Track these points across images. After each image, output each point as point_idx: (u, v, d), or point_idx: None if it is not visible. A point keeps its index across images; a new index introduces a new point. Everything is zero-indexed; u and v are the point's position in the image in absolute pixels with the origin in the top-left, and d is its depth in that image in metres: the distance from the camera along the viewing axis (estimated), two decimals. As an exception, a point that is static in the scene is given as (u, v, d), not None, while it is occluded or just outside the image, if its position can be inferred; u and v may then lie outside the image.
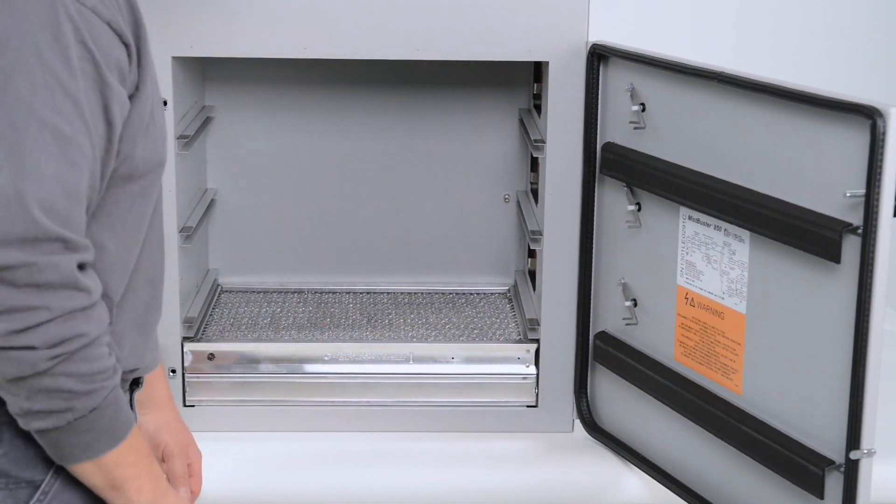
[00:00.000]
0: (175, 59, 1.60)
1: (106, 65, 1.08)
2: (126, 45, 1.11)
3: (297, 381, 1.70)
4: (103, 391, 1.10)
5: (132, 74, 1.13)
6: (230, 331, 1.79)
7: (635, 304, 1.58)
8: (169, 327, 1.66)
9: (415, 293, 1.96)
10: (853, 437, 1.24)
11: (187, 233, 1.67)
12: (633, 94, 1.53)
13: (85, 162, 1.07)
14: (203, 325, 1.79)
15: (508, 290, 1.98)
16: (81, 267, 1.08)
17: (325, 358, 1.72)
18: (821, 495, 1.30)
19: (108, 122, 1.09)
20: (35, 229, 1.03)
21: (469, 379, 1.71)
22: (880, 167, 1.18)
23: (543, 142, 1.66)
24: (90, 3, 1.07)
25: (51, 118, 1.04)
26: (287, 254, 1.98)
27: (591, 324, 1.67)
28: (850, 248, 1.23)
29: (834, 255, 1.24)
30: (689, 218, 1.47)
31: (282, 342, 1.74)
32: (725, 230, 1.41)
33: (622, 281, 1.60)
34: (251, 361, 1.71)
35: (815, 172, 1.28)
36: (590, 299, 1.66)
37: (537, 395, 1.71)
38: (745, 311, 1.40)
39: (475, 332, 1.80)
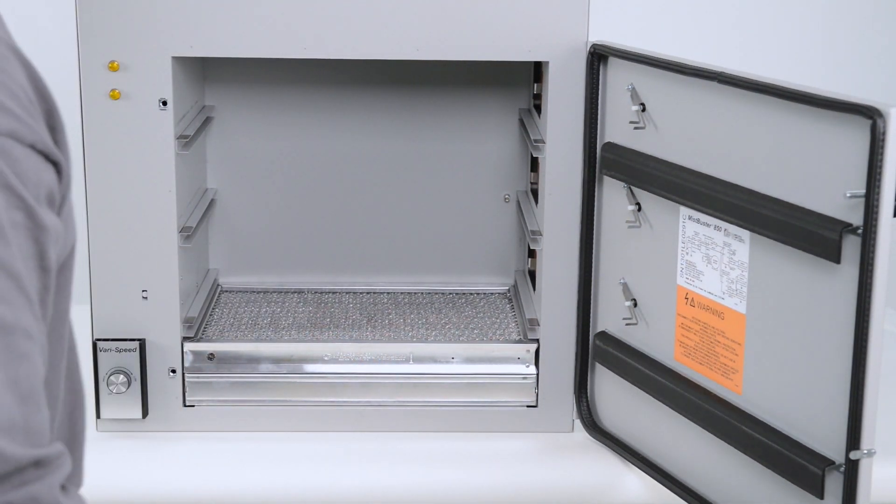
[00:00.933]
0: (175, 59, 1.60)
1: (37, 200, 0.84)
2: (55, 164, 0.87)
3: (297, 381, 1.70)
4: None
5: (63, 185, 0.89)
6: (230, 331, 1.79)
7: (635, 304, 1.58)
8: (169, 327, 1.66)
9: (415, 293, 1.96)
10: (853, 437, 1.24)
11: (187, 233, 1.67)
12: (633, 94, 1.53)
13: (34, 345, 0.83)
14: (203, 325, 1.79)
15: (508, 290, 1.98)
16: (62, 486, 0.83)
17: (325, 358, 1.72)
18: (821, 495, 1.30)
19: (44, 270, 0.86)
20: (2, 464, 0.78)
21: (469, 379, 1.71)
22: (880, 167, 1.18)
23: (543, 142, 1.66)
24: (6, 128, 0.83)
25: None
26: (287, 254, 1.98)
27: (591, 324, 1.67)
28: (850, 248, 1.23)
29: (834, 255, 1.24)
30: (689, 218, 1.47)
31: (282, 342, 1.74)
32: (725, 230, 1.41)
33: (622, 281, 1.60)
34: (251, 361, 1.71)
35: (815, 172, 1.28)
36: (590, 299, 1.66)
37: (537, 395, 1.71)
38: (745, 311, 1.40)
39: (475, 332, 1.80)
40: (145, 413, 1.67)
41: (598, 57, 1.58)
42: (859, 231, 1.21)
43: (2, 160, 0.82)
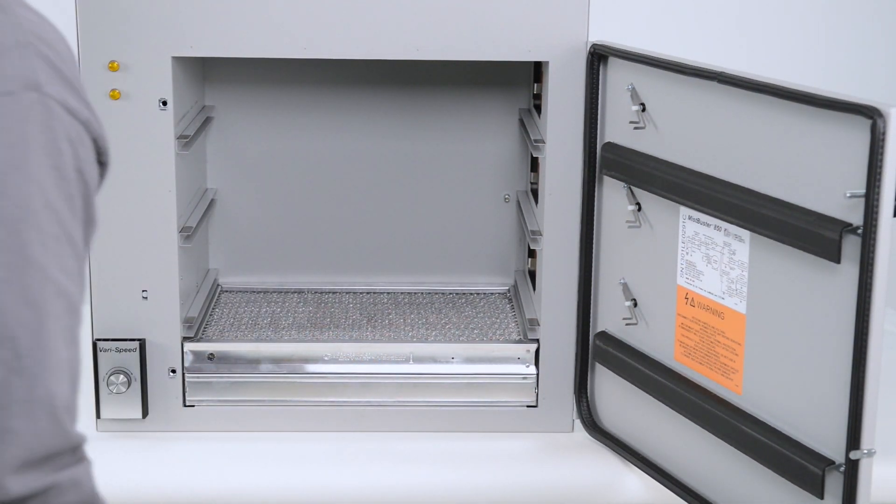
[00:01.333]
0: (175, 59, 1.60)
1: (93, 195, 0.86)
2: (102, 165, 0.88)
3: (297, 381, 1.70)
4: None
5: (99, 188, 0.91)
6: (230, 331, 1.79)
7: (635, 304, 1.58)
8: (169, 327, 1.66)
9: (415, 293, 1.96)
10: (853, 437, 1.24)
11: (187, 233, 1.67)
12: (633, 94, 1.53)
13: (80, 332, 0.84)
14: (203, 325, 1.79)
15: (508, 290, 1.98)
16: None
17: (325, 358, 1.72)
18: (821, 495, 1.30)
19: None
20: (63, 441, 0.77)
21: (469, 379, 1.71)
22: (880, 167, 1.18)
23: (543, 142, 1.66)
24: (83, 116, 0.84)
25: (63, 283, 0.80)
26: (287, 254, 1.98)
27: (591, 324, 1.67)
28: (850, 248, 1.23)
29: (834, 255, 1.24)
30: (689, 218, 1.47)
31: (282, 342, 1.74)
32: (725, 230, 1.41)
33: (622, 281, 1.60)
34: (251, 361, 1.71)
35: (815, 172, 1.28)
36: (590, 299, 1.66)
37: (537, 395, 1.70)
38: (745, 311, 1.40)
39: (475, 332, 1.80)
40: (145, 413, 1.67)
41: (598, 57, 1.58)
42: (859, 231, 1.21)
43: (79, 145, 0.82)
